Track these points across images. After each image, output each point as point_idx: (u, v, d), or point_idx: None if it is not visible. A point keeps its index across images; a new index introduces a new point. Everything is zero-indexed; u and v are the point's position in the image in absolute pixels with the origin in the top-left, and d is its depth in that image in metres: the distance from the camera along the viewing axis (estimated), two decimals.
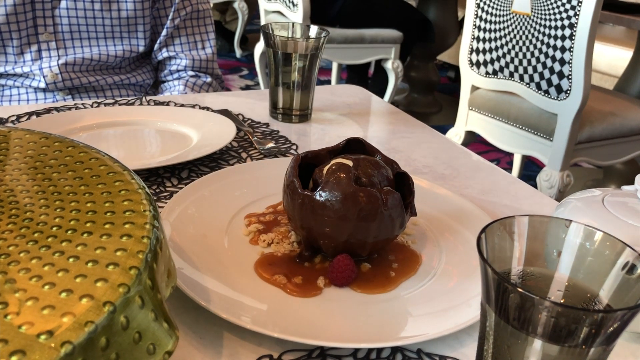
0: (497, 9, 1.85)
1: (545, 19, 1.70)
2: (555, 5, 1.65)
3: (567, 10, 1.63)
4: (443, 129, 1.56)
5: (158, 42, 1.18)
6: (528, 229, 0.35)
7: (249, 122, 0.92)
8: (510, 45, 1.83)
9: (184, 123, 0.86)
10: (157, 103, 0.97)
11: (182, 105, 0.95)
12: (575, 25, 1.62)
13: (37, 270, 0.31)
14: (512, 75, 1.85)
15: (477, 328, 0.40)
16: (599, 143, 1.83)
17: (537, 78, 1.77)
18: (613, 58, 3.16)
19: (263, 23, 2.58)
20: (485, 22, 1.90)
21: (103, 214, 0.37)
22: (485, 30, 1.91)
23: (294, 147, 0.84)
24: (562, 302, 0.35)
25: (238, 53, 4.17)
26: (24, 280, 0.30)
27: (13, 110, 0.88)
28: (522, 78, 1.82)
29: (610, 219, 0.50)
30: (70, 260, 0.32)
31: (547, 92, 1.75)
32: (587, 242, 0.35)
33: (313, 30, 0.93)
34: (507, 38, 1.84)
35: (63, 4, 1.07)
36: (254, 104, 1.00)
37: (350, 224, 0.52)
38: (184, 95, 1.04)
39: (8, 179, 0.41)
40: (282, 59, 0.90)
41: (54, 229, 0.35)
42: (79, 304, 0.29)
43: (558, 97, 1.72)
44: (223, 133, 0.81)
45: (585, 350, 0.30)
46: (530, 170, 2.57)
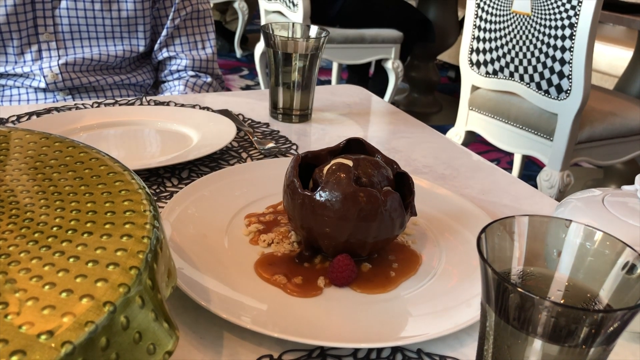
0: (497, 9, 1.85)
1: (546, 19, 1.70)
2: (556, 5, 1.65)
3: (567, 10, 1.63)
4: (443, 129, 1.56)
5: (158, 42, 1.18)
6: (528, 229, 0.35)
7: (249, 122, 0.92)
8: (511, 45, 1.83)
9: (184, 123, 0.86)
10: (157, 103, 0.97)
11: (182, 105, 0.95)
12: (576, 25, 1.62)
13: (37, 270, 0.31)
14: (512, 75, 1.85)
15: (477, 328, 0.40)
16: (599, 143, 1.83)
17: (537, 78, 1.77)
18: (613, 58, 3.16)
19: (263, 23, 2.58)
20: (486, 22, 1.90)
21: (103, 214, 0.37)
22: (486, 30, 1.91)
23: (294, 147, 0.84)
24: (562, 302, 0.35)
25: (238, 53, 4.17)
26: (25, 280, 0.30)
27: (13, 111, 0.88)
28: (522, 78, 1.82)
29: (611, 219, 0.50)
30: (71, 260, 0.32)
31: (547, 92, 1.75)
32: (587, 242, 0.35)
33: (313, 30, 0.93)
34: (507, 38, 1.84)
35: (63, 4, 1.07)
36: (254, 104, 1.00)
37: (351, 224, 0.52)
38: (184, 95, 1.04)
39: (8, 179, 0.41)
40: (282, 59, 0.90)
41: (54, 229, 0.35)
42: (79, 304, 0.29)
43: (558, 97, 1.72)
44: (223, 133, 0.81)
45: (585, 350, 0.30)
46: (531, 170, 2.57)
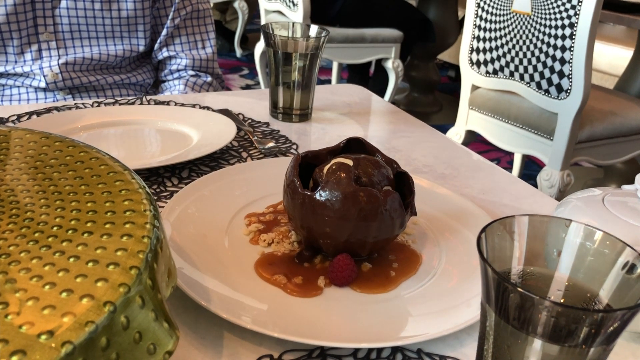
0: (497, 9, 1.85)
1: (546, 19, 1.69)
2: (556, 5, 1.65)
3: (567, 10, 1.63)
4: (443, 129, 1.56)
5: (158, 41, 1.18)
6: (528, 229, 0.35)
7: (249, 121, 0.92)
8: (511, 45, 1.83)
9: (185, 123, 0.86)
10: (157, 103, 0.97)
11: (182, 105, 0.95)
12: (576, 25, 1.61)
13: (37, 270, 0.31)
14: (512, 75, 1.85)
15: (477, 328, 0.40)
16: (599, 142, 1.82)
17: (537, 77, 1.77)
18: (613, 57, 3.15)
19: (263, 22, 2.58)
20: (486, 21, 1.90)
21: (103, 214, 0.37)
22: (486, 30, 1.91)
23: (294, 146, 0.84)
24: (562, 301, 0.35)
25: (238, 52, 4.17)
26: (25, 280, 0.30)
27: (13, 110, 0.88)
28: (522, 77, 1.82)
29: (611, 219, 0.50)
30: (71, 260, 0.32)
31: (547, 91, 1.75)
32: (587, 241, 0.35)
33: (313, 30, 0.93)
34: (507, 37, 1.84)
35: (63, 4, 1.07)
36: (254, 104, 1.00)
37: (351, 224, 0.52)
38: (184, 95, 1.04)
39: (9, 179, 0.41)
40: (282, 59, 0.90)
41: (55, 229, 0.35)
42: (80, 304, 0.29)
43: (558, 96, 1.72)
44: (223, 132, 0.81)
45: (585, 350, 0.30)
46: (531, 170, 2.57)
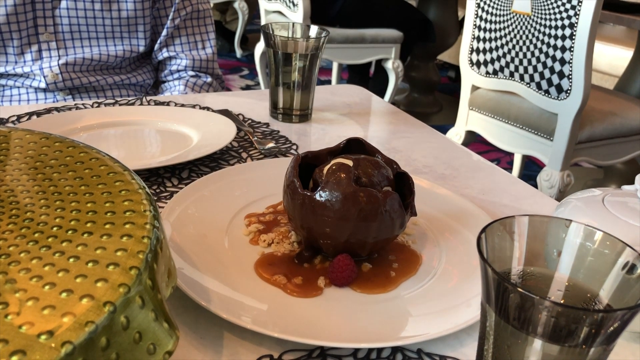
0: (497, 9, 1.85)
1: (546, 19, 1.70)
2: (556, 5, 1.65)
3: (567, 10, 1.63)
4: (443, 129, 1.56)
5: (158, 42, 1.18)
6: (528, 229, 0.35)
7: (249, 122, 0.92)
8: (511, 45, 1.83)
9: (184, 123, 0.86)
10: (157, 103, 0.97)
11: (182, 105, 0.95)
12: (576, 25, 1.62)
13: (37, 271, 0.31)
14: (512, 75, 1.85)
15: (477, 328, 0.40)
16: (599, 143, 1.82)
17: (537, 78, 1.77)
18: (613, 58, 3.16)
19: (263, 23, 2.58)
20: (486, 21, 1.90)
21: (103, 214, 0.37)
22: (486, 30, 1.91)
23: (294, 147, 0.84)
24: (562, 302, 0.35)
25: (238, 53, 4.17)
26: (25, 281, 0.30)
27: (13, 111, 0.88)
28: (522, 78, 1.82)
29: (611, 219, 0.50)
30: (71, 261, 0.32)
31: (547, 91, 1.75)
32: (587, 242, 0.35)
33: (313, 30, 0.93)
34: (507, 38, 1.84)
35: (63, 4, 1.07)
36: (254, 104, 1.00)
37: (351, 224, 0.52)
38: (184, 95, 1.04)
39: (8, 179, 0.41)
40: (282, 59, 0.90)
41: (55, 229, 0.35)
42: (80, 304, 0.29)
43: (558, 96, 1.72)
44: (223, 133, 0.81)
45: (586, 350, 0.30)
46: (531, 170, 2.57)
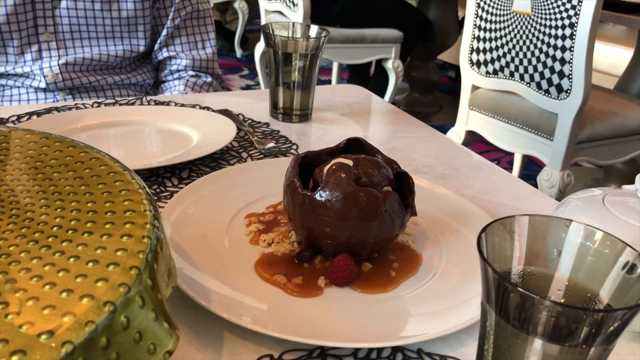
0: (497, 9, 1.85)
1: (546, 19, 1.69)
2: (556, 5, 1.65)
3: (567, 10, 1.63)
4: (443, 129, 1.56)
5: (158, 42, 1.18)
6: (528, 229, 0.35)
7: (250, 122, 0.92)
8: (511, 45, 1.83)
9: (185, 123, 0.86)
10: (157, 103, 0.97)
11: (182, 105, 0.95)
12: (576, 25, 1.61)
13: (37, 270, 0.31)
14: (512, 75, 1.85)
15: (477, 328, 0.40)
16: (600, 142, 1.82)
17: (537, 77, 1.77)
18: (613, 57, 3.16)
19: (263, 23, 2.58)
20: (486, 21, 1.90)
21: (103, 214, 0.37)
22: (486, 30, 1.91)
23: (294, 147, 0.84)
24: (562, 301, 0.35)
25: (238, 53, 4.17)
26: (25, 280, 0.30)
27: (13, 110, 0.88)
28: (522, 77, 1.82)
29: (611, 219, 0.50)
30: (71, 260, 0.32)
31: (547, 91, 1.75)
32: (587, 241, 0.35)
33: (313, 30, 0.93)
34: (507, 38, 1.84)
35: (63, 4, 1.07)
36: (255, 104, 1.00)
37: (351, 224, 0.52)
38: (185, 95, 1.04)
39: (9, 179, 0.41)
40: (282, 59, 0.90)
41: (55, 229, 0.35)
42: (80, 304, 0.29)
43: (558, 96, 1.72)
44: (223, 133, 0.81)
45: (586, 350, 0.30)
46: (531, 170, 2.57)
